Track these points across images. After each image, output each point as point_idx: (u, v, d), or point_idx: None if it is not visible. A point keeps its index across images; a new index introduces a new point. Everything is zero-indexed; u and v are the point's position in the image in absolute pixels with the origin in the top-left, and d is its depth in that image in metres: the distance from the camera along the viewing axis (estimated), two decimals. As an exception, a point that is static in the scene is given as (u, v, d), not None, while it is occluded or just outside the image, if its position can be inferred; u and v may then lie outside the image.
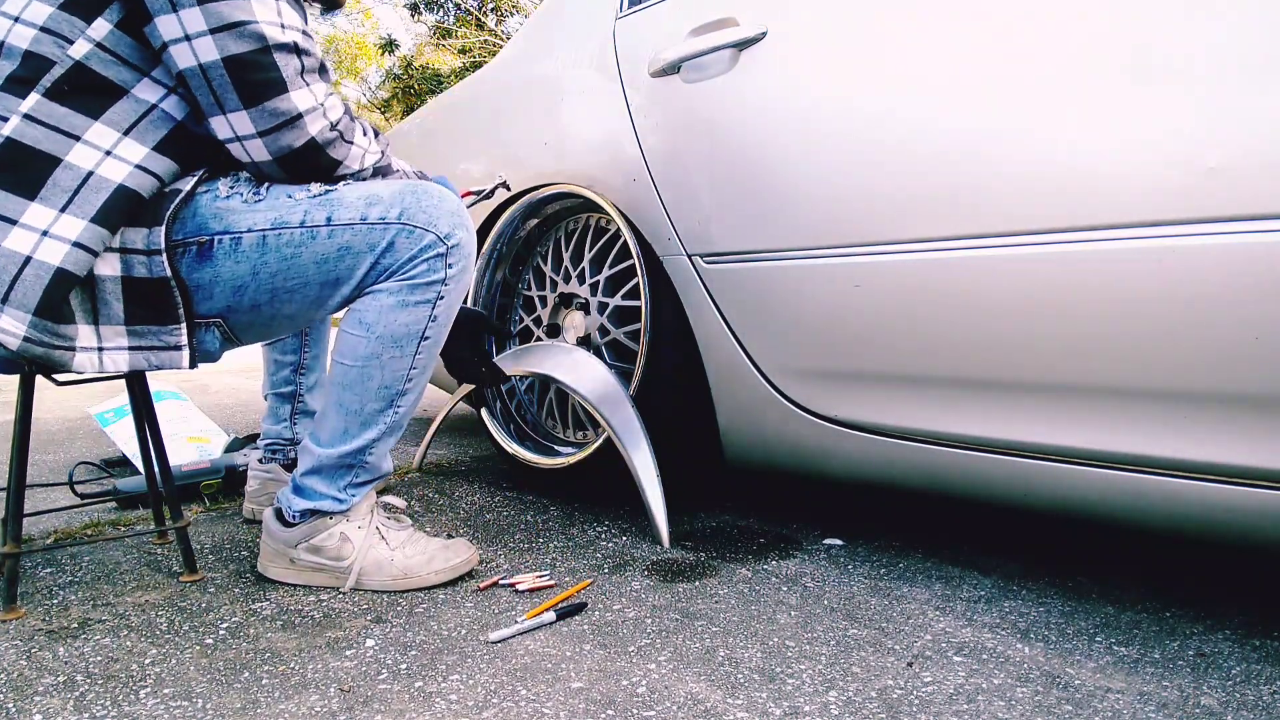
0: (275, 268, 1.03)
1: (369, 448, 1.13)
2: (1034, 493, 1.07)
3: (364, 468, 1.14)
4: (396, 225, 1.04)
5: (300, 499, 1.14)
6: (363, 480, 1.15)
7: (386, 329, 1.06)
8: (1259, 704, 0.82)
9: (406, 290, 1.06)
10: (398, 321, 1.06)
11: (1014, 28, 0.99)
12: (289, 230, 1.02)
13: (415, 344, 1.09)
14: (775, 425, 1.31)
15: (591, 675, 0.88)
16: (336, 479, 1.14)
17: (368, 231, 1.03)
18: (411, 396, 1.13)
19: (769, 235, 1.23)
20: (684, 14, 1.40)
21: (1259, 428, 0.86)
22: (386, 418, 1.12)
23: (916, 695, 0.84)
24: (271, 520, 1.16)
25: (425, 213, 1.05)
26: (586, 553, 1.31)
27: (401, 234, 1.04)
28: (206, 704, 0.82)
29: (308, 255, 1.03)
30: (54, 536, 1.37)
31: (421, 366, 1.11)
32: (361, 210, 1.03)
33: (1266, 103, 0.80)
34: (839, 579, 1.19)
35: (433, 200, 1.06)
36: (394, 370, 1.09)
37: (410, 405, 1.14)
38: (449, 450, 2.19)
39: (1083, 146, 0.92)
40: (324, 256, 1.03)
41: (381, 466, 1.16)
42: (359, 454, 1.12)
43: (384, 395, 1.10)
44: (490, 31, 14.84)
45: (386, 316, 1.06)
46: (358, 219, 1.03)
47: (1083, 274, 0.94)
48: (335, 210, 1.03)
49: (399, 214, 1.04)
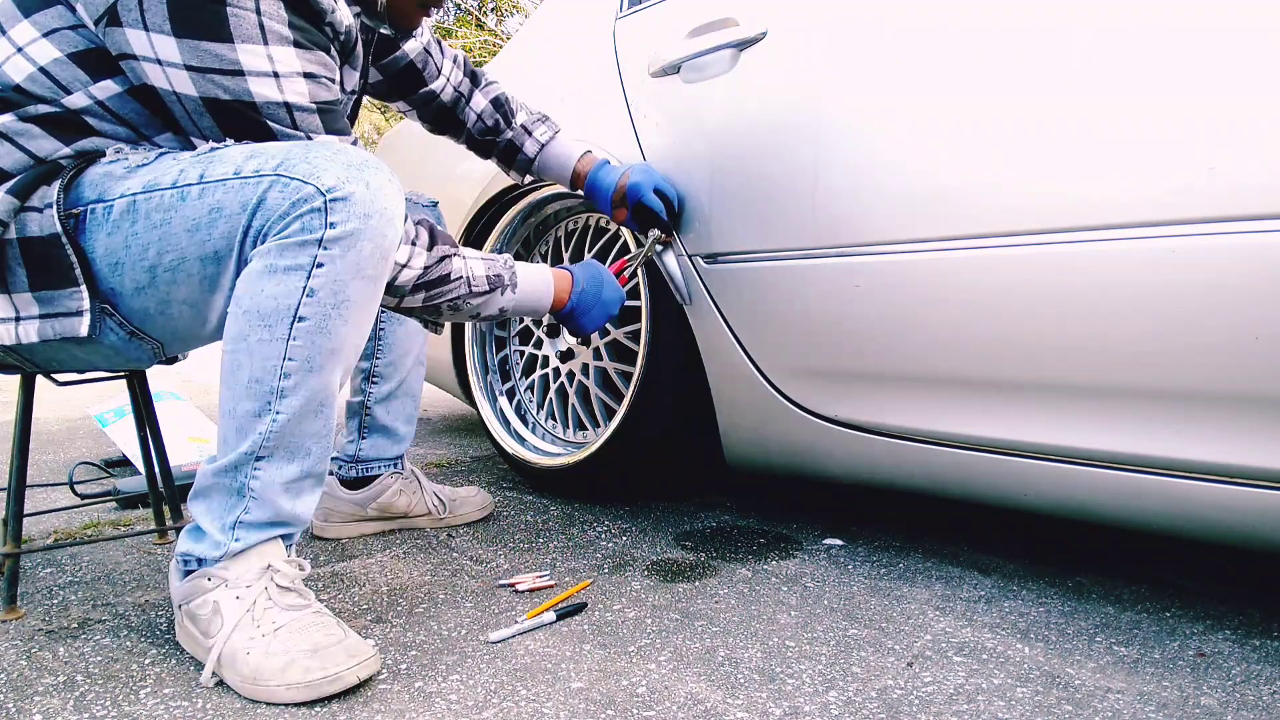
0: (146, 238, 0.88)
1: (246, 466, 0.88)
2: (1034, 493, 1.07)
3: (251, 498, 0.89)
4: (271, 177, 0.85)
5: (185, 538, 0.92)
6: (255, 520, 0.89)
7: (252, 301, 0.86)
8: (1259, 704, 0.82)
9: (275, 252, 0.85)
10: (264, 292, 0.85)
11: (1014, 27, 0.99)
12: (159, 193, 0.88)
13: (287, 324, 0.85)
14: (775, 425, 1.31)
15: (591, 675, 0.88)
16: (224, 510, 0.90)
17: (240, 187, 0.86)
18: (294, 401, 0.87)
19: (769, 235, 1.23)
20: (684, 14, 1.40)
21: (1259, 428, 0.86)
22: (262, 425, 0.87)
23: (916, 695, 0.84)
24: (173, 572, 0.94)
25: (309, 163, 0.86)
26: (586, 553, 1.31)
27: (275, 186, 0.85)
28: (206, 704, 0.82)
29: (178, 221, 0.87)
30: (54, 536, 1.37)
31: (302, 359, 0.86)
32: (238, 163, 0.87)
33: (1267, 102, 0.80)
34: (839, 579, 1.19)
35: (328, 152, 0.87)
36: (263, 357, 0.86)
37: (296, 416, 0.88)
38: (449, 450, 2.19)
39: (1083, 146, 0.92)
40: (195, 222, 0.86)
41: (275, 503, 0.89)
42: (235, 472, 0.89)
43: (256, 392, 0.87)
44: (490, 31, 14.84)
45: (253, 285, 0.86)
46: (231, 173, 0.86)
47: (1083, 274, 0.94)
48: (210, 166, 0.87)
49: (277, 165, 0.86)
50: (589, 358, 1.60)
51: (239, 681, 0.85)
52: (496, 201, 1.73)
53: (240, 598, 0.88)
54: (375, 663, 0.87)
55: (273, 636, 0.85)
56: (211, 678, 0.86)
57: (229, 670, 0.86)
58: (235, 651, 0.85)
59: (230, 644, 0.86)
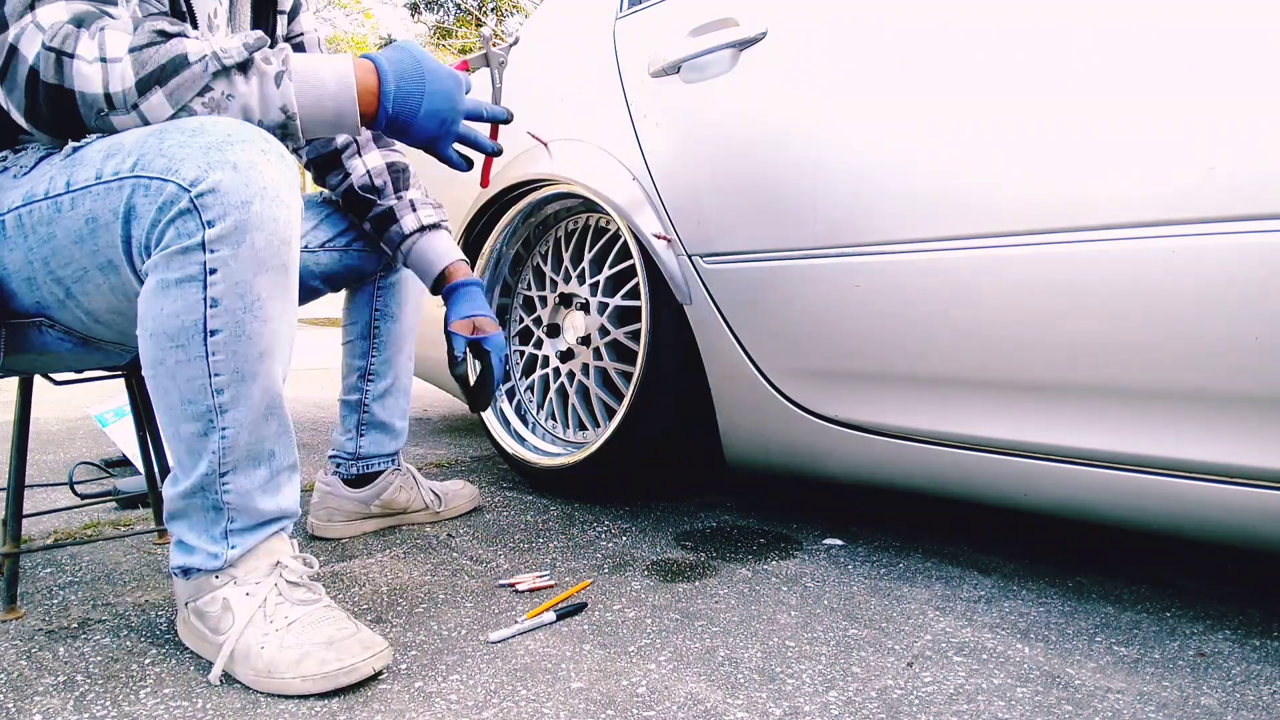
0: (41, 252, 0.83)
1: (213, 484, 0.85)
2: (1034, 493, 1.07)
3: (232, 509, 0.87)
4: (130, 179, 0.78)
5: (176, 552, 0.90)
6: (242, 526, 0.88)
7: (155, 323, 0.80)
8: (1259, 704, 0.82)
9: (163, 266, 0.78)
10: (164, 311, 0.79)
11: (1014, 27, 0.99)
12: (37, 204, 0.83)
13: (200, 342, 0.79)
14: (775, 425, 1.31)
15: (591, 675, 0.88)
16: (209, 524, 0.88)
17: (105, 193, 0.79)
18: (237, 413, 0.83)
19: (769, 235, 1.23)
20: (684, 14, 1.40)
21: (1259, 428, 0.86)
22: (211, 443, 0.84)
23: (916, 695, 0.84)
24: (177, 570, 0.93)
25: (165, 155, 0.76)
26: (586, 553, 1.31)
27: (137, 191, 0.77)
28: (206, 704, 0.82)
29: (62, 235, 0.82)
30: (54, 536, 1.37)
31: (229, 372, 0.81)
32: (98, 166, 0.80)
33: (1267, 102, 0.81)
34: (839, 579, 1.19)
35: (181, 136, 0.77)
36: (187, 378, 0.81)
37: (247, 426, 0.84)
38: (449, 450, 2.19)
39: (1083, 147, 0.92)
40: (78, 234, 0.81)
41: (256, 508, 0.87)
42: (204, 492, 0.86)
43: (192, 414, 0.83)
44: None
45: (151, 306, 0.80)
46: (93, 178, 0.79)
47: (1083, 274, 0.94)
48: (74, 171, 0.81)
49: (133, 163, 0.78)
50: (589, 357, 1.60)
51: (252, 676, 0.84)
52: (496, 202, 1.73)
53: (251, 594, 0.87)
54: (388, 655, 0.87)
55: (286, 631, 0.85)
56: (221, 678, 0.85)
57: (241, 665, 0.85)
58: (249, 647, 0.85)
59: (244, 640, 0.85)
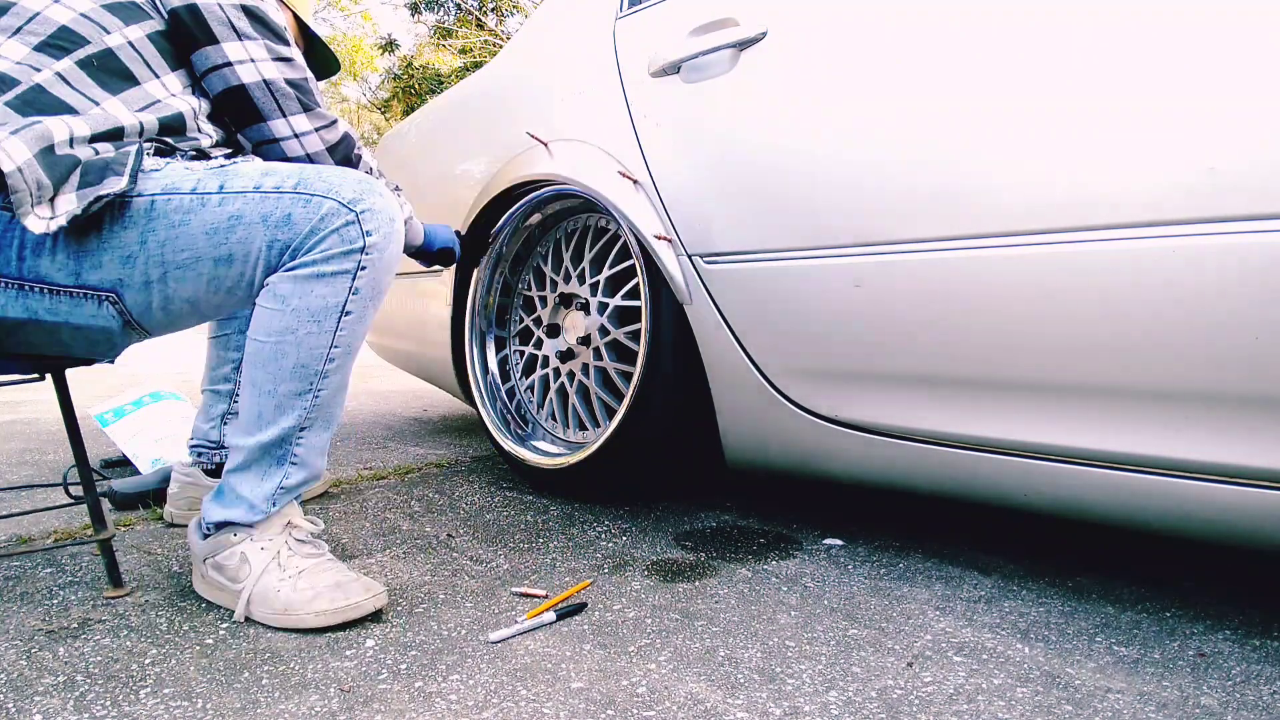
0: (163, 235, 0.96)
1: (291, 438, 1.04)
2: (1034, 493, 1.07)
3: (293, 464, 1.06)
4: (291, 194, 0.98)
5: (216, 507, 1.07)
6: (293, 483, 1.06)
7: (302, 300, 0.99)
8: (1259, 704, 0.82)
9: (321, 261, 0.98)
10: (314, 293, 0.99)
11: (1014, 27, 0.99)
12: (178, 196, 0.97)
13: (335, 318, 1.00)
14: (775, 426, 1.31)
15: (591, 675, 0.88)
16: (265, 478, 1.05)
17: (260, 200, 0.97)
18: (334, 379, 1.04)
19: (769, 235, 1.23)
20: (684, 14, 1.40)
21: (1259, 428, 0.86)
22: (304, 401, 1.03)
23: (916, 695, 0.84)
24: (192, 531, 1.11)
25: (325, 181, 1.00)
26: (586, 553, 1.31)
27: (298, 203, 0.98)
28: (206, 704, 0.82)
29: (196, 223, 0.96)
30: (54, 537, 1.37)
31: (345, 345, 1.02)
32: (256, 180, 0.99)
33: (1267, 102, 0.80)
34: (839, 579, 1.19)
35: (334, 172, 1.02)
36: (311, 347, 1.00)
37: (334, 390, 1.05)
38: (449, 450, 2.19)
39: (1083, 146, 0.92)
40: (214, 226, 0.96)
41: (314, 464, 1.08)
42: (281, 444, 1.04)
43: (301, 375, 1.01)
44: (490, 31, 14.84)
45: (302, 287, 0.99)
46: (251, 187, 0.98)
47: (1083, 274, 0.94)
48: (229, 179, 0.99)
49: (295, 184, 0.99)
50: (589, 358, 1.60)
51: (270, 615, 1.01)
52: (497, 202, 1.73)
53: (265, 549, 1.05)
54: (385, 596, 1.05)
55: (298, 577, 1.03)
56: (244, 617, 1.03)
57: (260, 606, 1.02)
58: (266, 591, 1.02)
59: (261, 585, 1.03)
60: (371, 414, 2.95)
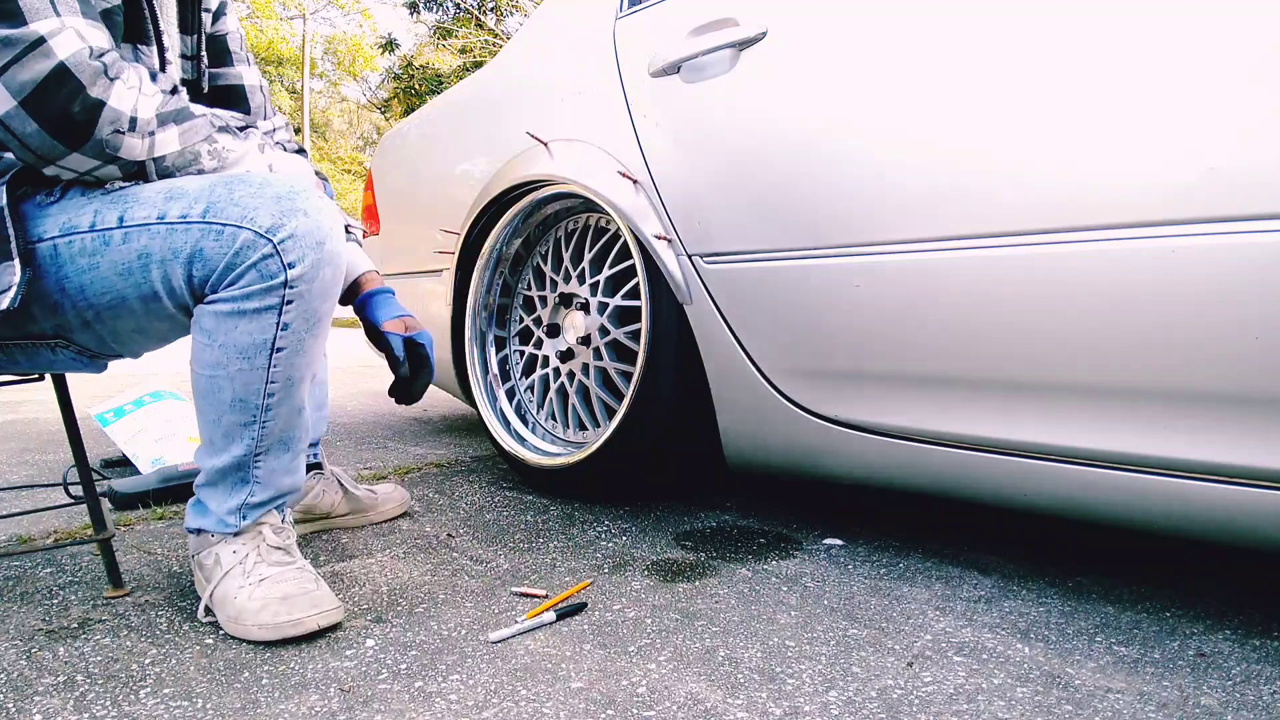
0: (77, 281, 0.89)
1: (248, 463, 0.99)
2: (1034, 493, 1.07)
3: (256, 483, 1.01)
4: (200, 225, 0.87)
5: (192, 514, 1.05)
6: (260, 500, 1.02)
7: (228, 337, 0.91)
8: (1259, 704, 0.82)
9: (240, 299, 0.89)
10: (239, 329, 0.90)
11: (1014, 27, 0.99)
12: (79, 236, 0.88)
13: (266, 355, 0.92)
14: (775, 426, 1.31)
15: (591, 675, 0.88)
16: (229, 496, 1.01)
17: (167, 234, 0.87)
18: (282, 409, 0.97)
19: (769, 235, 1.23)
20: (684, 14, 1.40)
21: (1259, 428, 0.86)
22: (252, 432, 0.97)
23: (916, 695, 0.84)
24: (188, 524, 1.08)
25: (238, 205, 0.87)
26: (586, 553, 1.31)
27: (208, 236, 0.87)
28: (206, 704, 0.82)
29: (105, 265, 0.88)
30: (54, 537, 1.37)
31: (283, 379, 0.95)
32: (160, 207, 0.87)
33: (1267, 103, 0.80)
34: (839, 579, 1.19)
35: (250, 189, 0.89)
36: (245, 383, 0.94)
37: (285, 418, 0.98)
38: (449, 450, 2.19)
39: (1083, 146, 0.92)
40: (125, 266, 0.88)
41: (278, 484, 1.02)
42: (239, 469, 0.99)
43: (241, 408, 0.95)
44: (490, 31, 14.84)
45: (225, 324, 0.90)
46: (154, 218, 0.87)
47: (1083, 274, 0.94)
48: (129, 208, 0.88)
49: (204, 210, 0.87)
50: (589, 357, 1.60)
51: (225, 620, 0.98)
52: (497, 202, 1.73)
53: (236, 552, 1.02)
54: (337, 614, 0.99)
55: (257, 585, 0.98)
56: (205, 614, 1.01)
57: (219, 609, 1.00)
58: (226, 594, 0.99)
59: (223, 587, 1.00)
60: (371, 414, 2.95)
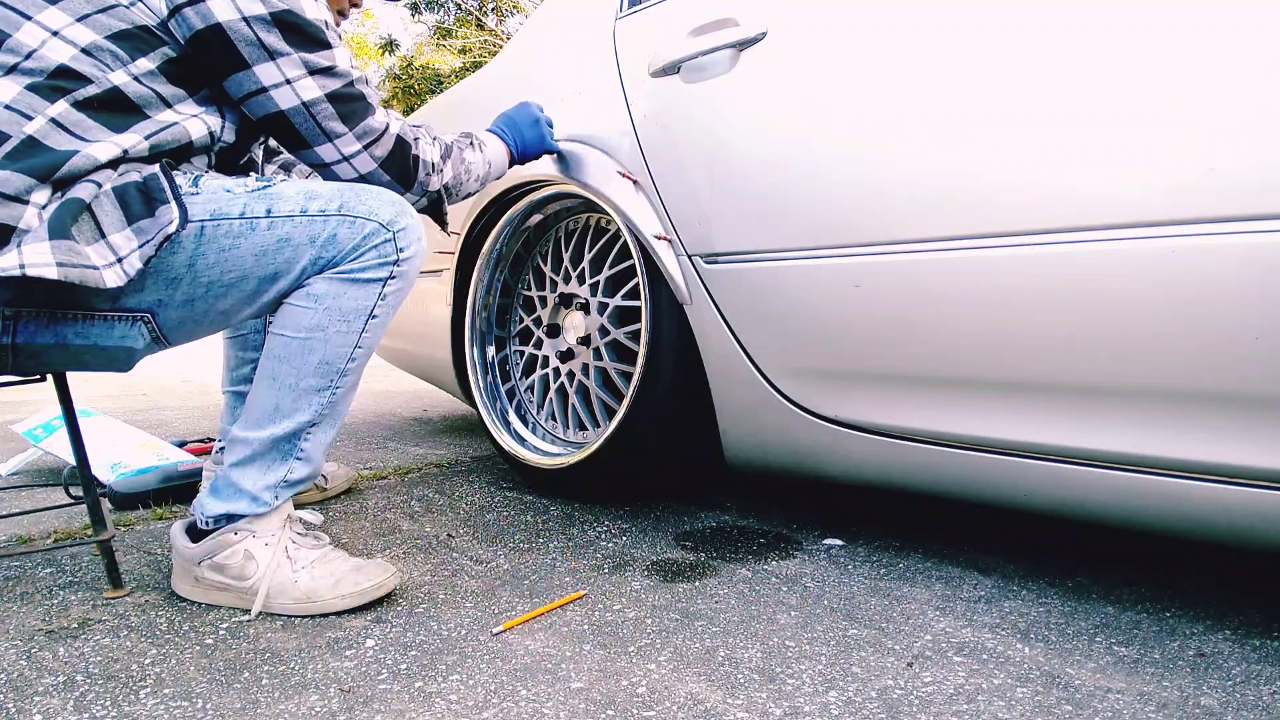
0: (212, 259, 1.00)
1: (303, 432, 1.08)
2: (1034, 493, 1.07)
3: (299, 459, 1.09)
4: (337, 217, 1.04)
5: (215, 501, 1.09)
6: (296, 478, 1.10)
7: (336, 301, 1.05)
8: (1259, 704, 0.82)
9: (357, 270, 1.05)
10: (348, 295, 1.05)
11: (1014, 27, 0.99)
12: (227, 221, 1.01)
13: (363, 321, 1.06)
14: (775, 426, 1.31)
15: (591, 675, 0.88)
16: (269, 470, 1.08)
17: (308, 224, 1.03)
18: (351, 379, 1.09)
19: (769, 235, 1.23)
20: (684, 14, 1.40)
21: (1259, 428, 0.86)
22: (322, 398, 1.07)
23: (916, 695, 0.84)
24: (179, 535, 1.11)
25: (365, 204, 1.05)
26: (586, 553, 1.31)
27: (343, 225, 1.04)
28: (206, 704, 0.82)
29: (246, 246, 1.01)
30: (54, 537, 1.37)
31: (366, 347, 1.08)
32: (301, 203, 1.03)
33: (1267, 103, 0.80)
34: (839, 579, 1.19)
35: (371, 194, 1.07)
36: (338, 345, 1.06)
37: (348, 389, 1.10)
38: (449, 450, 2.19)
39: (1083, 146, 0.92)
40: (263, 249, 1.02)
41: (316, 461, 1.12)
42: (292, 439, 1.08)
43: (323, 372, 1.06)
44: (490, 31, 14.84)
45: (337, 288, 1.05)
46: (297, 211, 1.03)
47: (1083, 274, 0.94)
48: (274, 203, 1.03)
49: (339, 206, 1.04)
50: (589, 357, 1.60)
51: (292, 605, 1.06)
52: (497, 202, 1.73)
53: (269, 544, 1.08)
54: (399, 576, 1.13)
55: (313, 566, 1.08)
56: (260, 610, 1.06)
57: (279, 598, 1.06)
58: (284, 582, 1.06)
59: (277, 579, 1.06)
60: (372, 414, 2.95)
